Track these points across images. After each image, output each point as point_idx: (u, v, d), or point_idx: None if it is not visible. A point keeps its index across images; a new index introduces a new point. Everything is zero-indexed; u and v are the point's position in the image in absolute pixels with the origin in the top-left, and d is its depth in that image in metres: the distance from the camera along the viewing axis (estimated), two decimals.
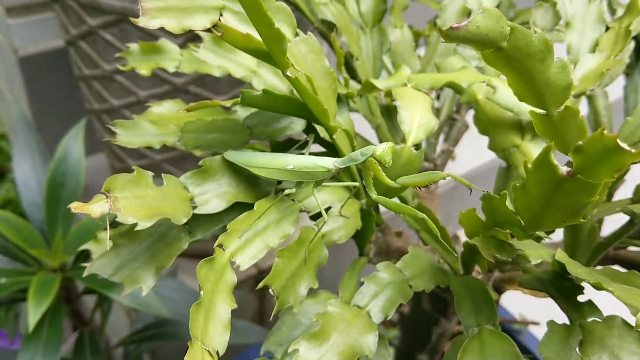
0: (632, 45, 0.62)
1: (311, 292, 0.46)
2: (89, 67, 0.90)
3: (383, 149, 0.39)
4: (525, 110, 0.45)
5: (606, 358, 0.37)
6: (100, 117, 0.96)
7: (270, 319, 0.39)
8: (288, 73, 0.38)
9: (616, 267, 0.63)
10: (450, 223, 0.78)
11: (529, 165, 0.30)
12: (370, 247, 0.53)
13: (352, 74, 0.61)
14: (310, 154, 0.48)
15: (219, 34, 0.38)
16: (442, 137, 0.71)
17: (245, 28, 0.40)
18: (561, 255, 0.39)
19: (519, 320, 0.99)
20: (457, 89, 0.48)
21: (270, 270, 0.39)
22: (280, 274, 0.39)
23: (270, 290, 0.39)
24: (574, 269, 0.37)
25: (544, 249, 0.41)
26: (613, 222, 0.52)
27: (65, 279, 0.71)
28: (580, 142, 0.27)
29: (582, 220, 0.31)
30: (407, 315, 0.93)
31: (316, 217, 0.47)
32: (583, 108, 0.63)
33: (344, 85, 0.54)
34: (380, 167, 0.40)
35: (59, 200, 0.74)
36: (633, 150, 0.26)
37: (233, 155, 0.43)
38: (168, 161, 0.95)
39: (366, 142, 0.54)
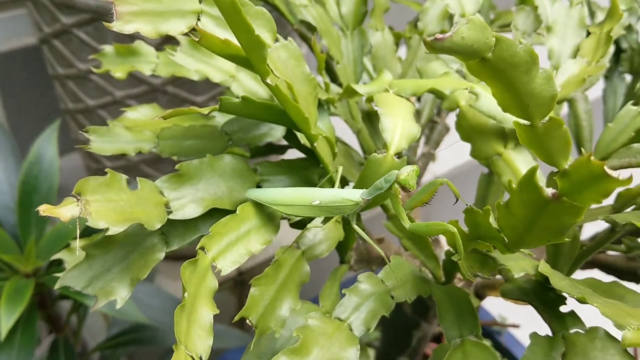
0: (612, 49, 0.62)
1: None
2: (64, 66, 0.88)
3: (407, 173, 0.37)
4: (508, 118, 0.45)
5: None
6: (75, 117, 0.94)
7: (251, 349, 0.38)
8: (268, 81, 0.37)
9: (598, 272, 0.63)
10: None
11: (514, 186, 0.30)
12: (351, 255, 0.52)
13: (333, 77, 0.60)
14: (292, 161, 0.48)
15: (196, 39, 0.37)
16: (422, 139, 0.70)
17: (224, 33, 0.39)
18: (544, 268, 0.39)
19: (499, 321, 0.99)
20: (439, 95, 0.47)
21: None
22: (257, 304, 0.38)
23: (247, 321, 0.38)
24: (558, 281, 0.37)
25: (527, 260, 0.40)
26: (595, 224, 0.52)
27: (39, 285, 0.69)
28: (567, 167, 0.26)
29: (566, 239, 0.30)
30: (387, 318, 0.92)
31: (297, 224, 0.46)
32: (563, 112, 0.63)
33: (324, 90, 0.53)
34: (400, 196, 0.39)
35: (32, 204, 0.72)
36: (621, 177, 0.25)
37: (256, 194, 0.42)
38: (146, 162, 0.93)
39: (347, 147, 0.53)
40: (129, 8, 0.37)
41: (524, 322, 0.91)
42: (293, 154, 0.50)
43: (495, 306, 1.05)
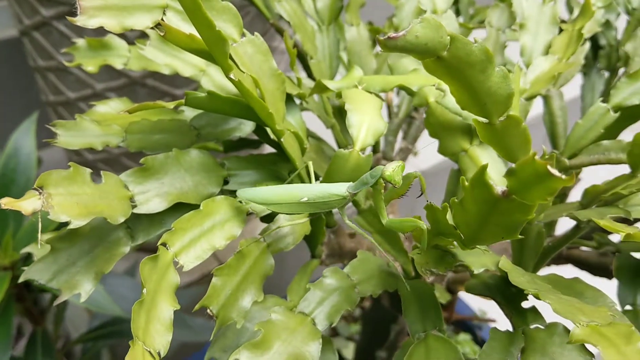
0: (587, 46, 0.63)
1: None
2: (44, 58, 0.88)
3: (392, 169, 0.37)
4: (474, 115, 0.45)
5: None
6: (56, 109, 0.94)
7: (211, 338, 0.39)
8: (231, 76, 0.37)
9: (572, 268, 0.64)
10: None
11: (466, 183, 0.30)
12: (322, 249, 0.53)
13: (309, 72, 0.60)
14: (260, 156, 0.48)
15: (162, 34, 0.37)
16: (400, 135, 0.71)
17: (190, 28, 0.39)
18: (504, 264, 0.39)
19: (478, 316, 1.00)
20: (408, 91, 0.48)
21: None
22: (218, 294, 0.38)
23: (208, 310, 0.38)
24: (516, 277, 0.37)
25: (489, 256, 0.41)
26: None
27: (16, 277, 0.69)
28: (513, 165, 0.27)
29: (519, 236, 0.31)
30: (367, 311, 0.93)
31: (265, 218, 0.46)
32: (538, 108, 0.64)
33: (296, 85, 0.53)
34: (383, 192, 0.39)
35: (9, 197, 0.72)
36: (563, 177, 0.25)
37: (247, 194, 0.42)
38: (127, 155, 0.93)
39: (319, 143, 0.53)
40: (93, 2, 0.37)
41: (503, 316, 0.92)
42: (269, 148, 0.50)
43: (476, 300, 1.06)
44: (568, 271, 0.68)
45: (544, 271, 0.68)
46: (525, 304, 0.42)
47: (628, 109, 0.52)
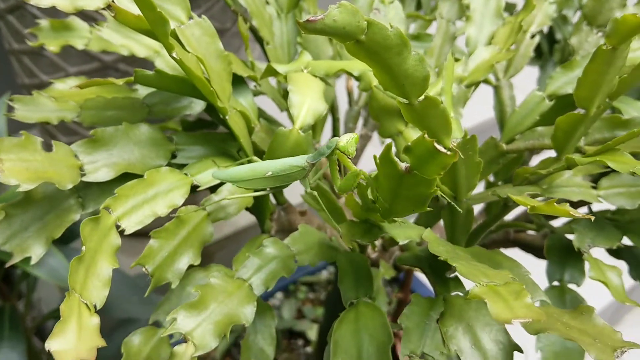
0: (536, 39, 0.66)
1: (204, 266, 0.49)
2: (18, 41, 0.90)
3: (346, 141, 0.39)
4: None
5: (462, 329, 0.40)
6: (30, 92, 0.96)
7: (145, 295, 0.41)
8: (173, 54, 0.39)
9: (519, 252, 0.67)
10: None
11: (378, 160, 0.33)
12: (272, 225, 0.55)
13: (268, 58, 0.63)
14: (209, 133, 0.50)
15: (112, 15, 0.39)
16: (361, 122, 0.74)
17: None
18: (427, 234, 0.42)
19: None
20: (350, 75, 0.50)
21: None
22: (154, 255, 0.41)
23: (143, 269, 0.41)
24: (436, 247, 0.40)
25: (415, 229, 0.44)
26: None
27: None
28: (409, 144, 0.30)
29: (428, 208, 0.34)
30: (330, 295, 0.96)
31: (211, 188, 0.48)
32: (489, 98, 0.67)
33: (250, 69, 0.56)
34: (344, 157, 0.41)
35: None
36: (449, 153, 0.28)
37: (220, 175, 0.45)
38: None
39: (271, 124, 0.56)
40: None
41: None
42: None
43: None
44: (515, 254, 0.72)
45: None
46: (449, 275, 0.45)
47: (562, 98, 0.55)
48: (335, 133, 0.72)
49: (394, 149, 0.30)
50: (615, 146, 0.41)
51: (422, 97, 0.37)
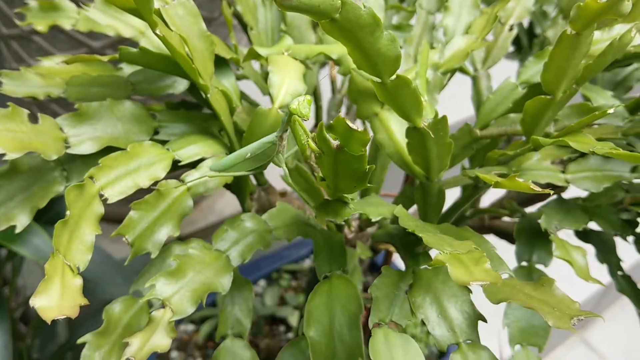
0: (514, 32, 0.68)
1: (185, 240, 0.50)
2: (7, 26, 0.91)
3: (298, 102, 0.40)
4: None
5: (429, 299, 0.42)
6: None
7: (125, 264, 0.43)
8: (157, 31, 0.41)
9: (493, 237, 0.69)
10: None
11: (316, 140, 0.35)
12: (252, 204, 0.57)
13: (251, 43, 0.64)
14: (192, 112, 0.52)
15: None
16: (343, 110, 0.75)
17: None
18: (398, 210, 0.44)
19: None
20: (331, 60, 0.52)
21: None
22: (134, 225, 0.42)
23: (123, 238, 0.42)
24: (406, 222, 0.42)
25: (387, 206, 0.45)
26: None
27: None
28: (331, 122, 0.32)
29: (369, 184, 0.36)
30: (311, 281, 0.98)
31: (190, 164, 0.50)
32: (467, 89, 0.69)
33: (234, 52, 0.57)
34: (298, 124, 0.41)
35: None
36: (360, 129, 0.31)
37: (216, 166, 0.47)
38: None
39: (252, 106, 0.58)
40: None
41: None
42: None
43: None
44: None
45: None
46: (420, 250, 0.47)
47: (535, 86, 0.57)
48: (318, 120, 0.74)
49: (355, 125, 0.32)
50: (578, 128, 0.43)
51: (394, 76, 0.39)
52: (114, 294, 0.90)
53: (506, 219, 0.71)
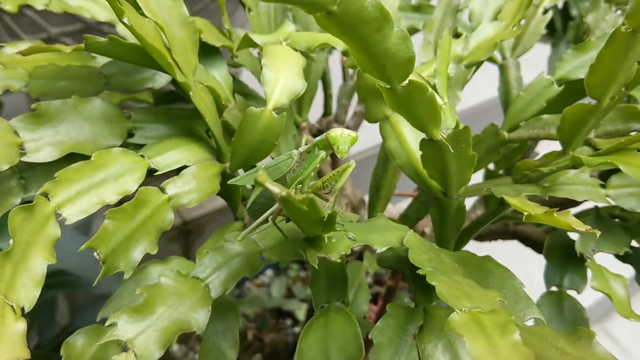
0: (549, 15, 0.60)
1: (165, 257, 0.44)
2: None
3: (341, 134, 0.34)
4: None
5: (442, 347, 0.35)
6: None
7: (94, 284, 0.37)
8: (124, 20, 0.34)
9: (517, 244, 0.62)
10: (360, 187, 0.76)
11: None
12: (244, 213, 0.51)
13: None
14: (173, 109, 0.45)
15: None
16: (355, 98, 0.68)
17: None
18: (408, 239, 0.37)
19: None
20: (344, 52, 0.45)
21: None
22: (108, 237, 0.36)
23: (95, 254, 0.36)
24: (417, 255, 0.35)
25: (395, 231, 0.38)
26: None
27: None
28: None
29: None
30: None
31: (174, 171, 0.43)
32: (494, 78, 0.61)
33: (228, 38, 0.50)
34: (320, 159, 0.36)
35: None
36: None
37: (236, 180, 0.41)
38: None
39: (247, 101, 0.51)
40: None
41: None
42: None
43: None
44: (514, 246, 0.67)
45: (487, 245, 0.67)
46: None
47: (573, 83, 0.50)
48: (327, 110, 0.67)
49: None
50: (628, 145, 0.36)
51: (406, 81, 0.32)
52: (109, 287, 0.86)
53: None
